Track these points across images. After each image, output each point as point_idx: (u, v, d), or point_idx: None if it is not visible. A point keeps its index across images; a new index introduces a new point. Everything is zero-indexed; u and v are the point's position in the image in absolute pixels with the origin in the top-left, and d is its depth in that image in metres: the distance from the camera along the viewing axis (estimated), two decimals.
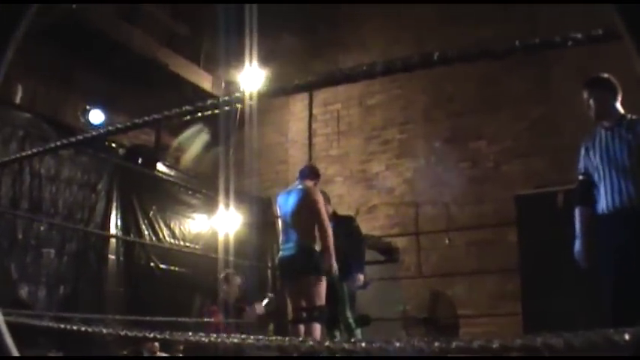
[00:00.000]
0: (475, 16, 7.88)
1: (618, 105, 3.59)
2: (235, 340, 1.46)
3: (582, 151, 3.65)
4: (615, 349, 0.76)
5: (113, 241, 6.59)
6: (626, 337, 0.78)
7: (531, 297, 6.26)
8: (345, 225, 5.73)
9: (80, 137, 2.99)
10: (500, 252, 7.10)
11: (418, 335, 7.31)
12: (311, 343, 1.35)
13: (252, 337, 1.40)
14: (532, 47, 1.25)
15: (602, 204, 3.41)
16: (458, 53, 1.30)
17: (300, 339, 1.52)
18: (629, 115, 3.53)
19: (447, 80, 7.97)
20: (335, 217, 5.77)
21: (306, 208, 4.93)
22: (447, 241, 7.68)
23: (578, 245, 3.60)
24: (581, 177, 3.64)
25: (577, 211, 3.65)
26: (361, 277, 5.45)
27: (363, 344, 1.24)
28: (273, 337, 1.37)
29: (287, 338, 1.37)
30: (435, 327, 7.38)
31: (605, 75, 3.68)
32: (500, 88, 7.64)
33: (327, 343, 1.32)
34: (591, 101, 3.60)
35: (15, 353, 1.41)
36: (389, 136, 8.68)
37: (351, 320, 5.38)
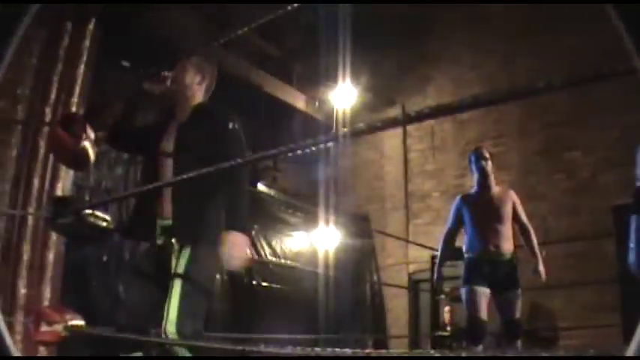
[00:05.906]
0: (561, 23, 7.82)
1: None
2: None
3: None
4: None
5: None
6: None
7: (632, 308, 6.17)
8: None
9: None
10: (598, 264, 7.00)
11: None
12: None
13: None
14: None
15: None
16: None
17: None
18: None
19: None
20: None
21: None
22: (543, 253, 7.62)
23: (632, 256, 3.24)
24: (639, 183, 3.28)
25: (632, 220, 3.27)
26: None
27: None
28: None
29: None
30: (535, 339, 7.39)
31: None
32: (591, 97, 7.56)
33: None
34: None
35: (15, 353, 1.40)
36: None
37: None
